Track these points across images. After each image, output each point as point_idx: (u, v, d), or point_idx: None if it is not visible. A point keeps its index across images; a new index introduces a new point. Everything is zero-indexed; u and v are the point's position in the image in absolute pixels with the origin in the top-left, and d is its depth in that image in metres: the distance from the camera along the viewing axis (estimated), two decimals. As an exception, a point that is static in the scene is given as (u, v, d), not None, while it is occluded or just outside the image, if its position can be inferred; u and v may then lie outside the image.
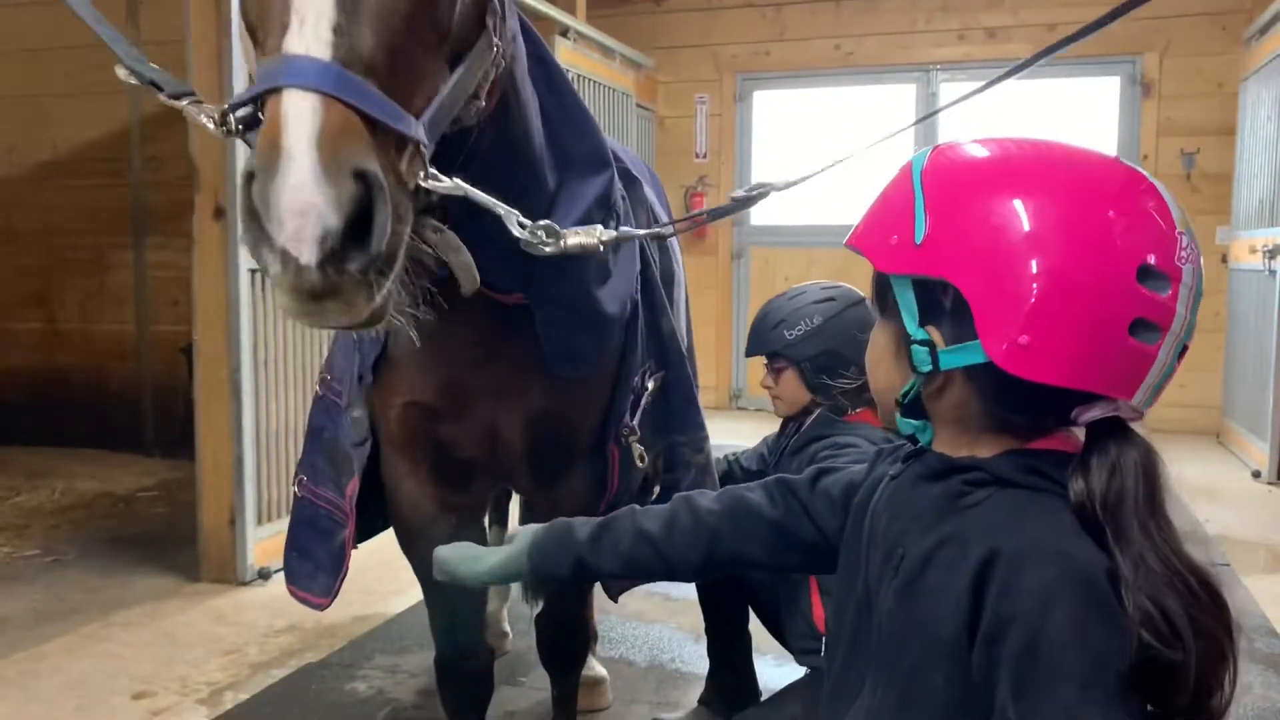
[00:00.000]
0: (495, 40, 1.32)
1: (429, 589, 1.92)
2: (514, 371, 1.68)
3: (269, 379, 3.80)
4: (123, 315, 6.36)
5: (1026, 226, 0.98)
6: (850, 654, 1.13)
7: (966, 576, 0.96)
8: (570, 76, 1.96)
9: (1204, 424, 6.49)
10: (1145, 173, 1.07)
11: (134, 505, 4.98)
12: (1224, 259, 6.40)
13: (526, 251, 1.38)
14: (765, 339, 2.38)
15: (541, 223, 1.36)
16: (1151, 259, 0.97)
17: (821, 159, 1.74)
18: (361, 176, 1.02)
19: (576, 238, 1.39)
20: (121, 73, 1.37)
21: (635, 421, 1.85)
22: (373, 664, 3.07)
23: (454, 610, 1.93)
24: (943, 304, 1.03)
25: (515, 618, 3.21)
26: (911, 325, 1.05)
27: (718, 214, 1.77)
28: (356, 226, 1.02)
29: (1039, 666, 0.89)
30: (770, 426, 2.60)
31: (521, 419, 1.73)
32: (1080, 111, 6.98)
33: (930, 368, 1.04)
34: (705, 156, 7.59)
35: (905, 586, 1.03)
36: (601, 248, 1.40)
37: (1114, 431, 1.00)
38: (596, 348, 1.72)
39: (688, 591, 3.58)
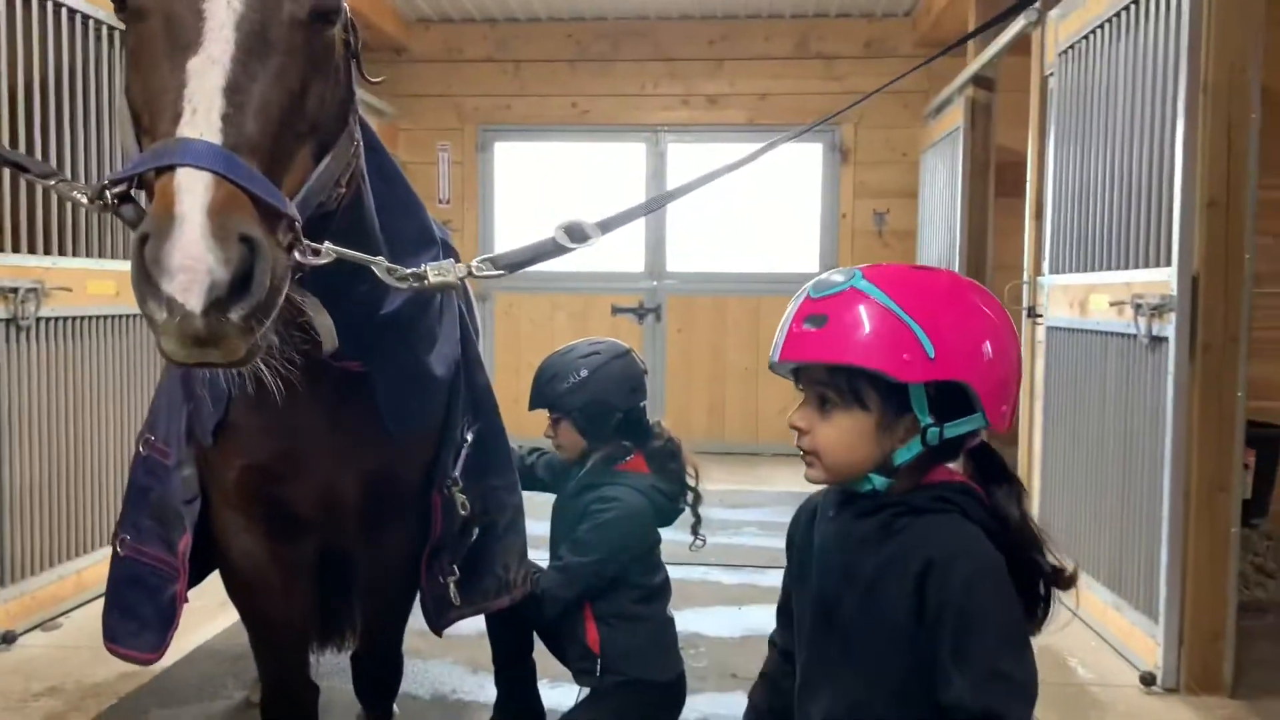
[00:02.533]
0: (356, 134, 1.53)
1: (256, 634, 2.04)
2: (350, 434, 1.85)
3: (13, 437, 3.66)
4: None
5: (990, 329, 1.40)
6: (812, 657, 1.48)
7: (911, 580, 1.34)
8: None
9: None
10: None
11: None
12: (910, 306, 7.35)
13: (367, 323, 1.59)
14: (541, 393, 2.68)
15: (409, 270, 1.57)
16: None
17: (568, 209, 1.97)
18: (246, 240, 1.17)
19: (438, 277, 1.59)
20: None
21: (457, 472, 2.07)
22: (150, 719, 3.05)
23: (282, 653, 2.06)
24: (929, 393, 1.38)
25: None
26: (924, 415, 1.39)
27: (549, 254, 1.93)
28: (239, 283, 1.16)
29: (968, 632, 1.30)
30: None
31: (356, 478, 1.91)
32: (789, 173, 7.78)
33: (937, 441, 1.40)
34: (448, 203, 7.79)
35: (865, 595, 1.40)
36: (460, 282, 1.63)
37: (993, 460, 1.47)
38: (428, 409, 1.94)
39: (462, 629, 3.75)
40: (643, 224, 7.81)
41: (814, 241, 7.75)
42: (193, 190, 1.16)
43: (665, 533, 2.76)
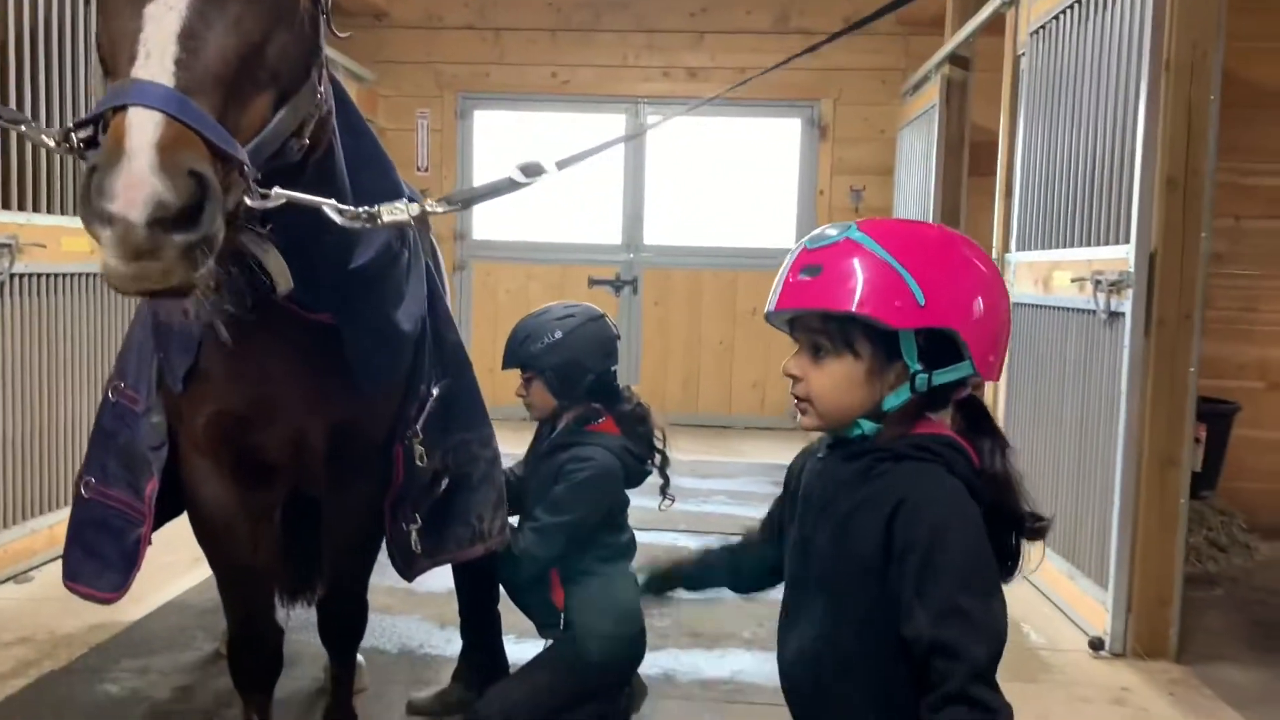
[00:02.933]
0: (319, 87, 1.57)
1: (223, 578, 2.10)
2: (319, 384, 1.90)
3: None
4: None
5: (980, 281, 1.45)
6: (793, 589, 1.57)
7: (882, 518, 1.40)
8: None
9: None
10: None
11: None
12: (884, 282, 7.43)
13: (336, 277, 1.64)
14: (514, 353, 2.73)
15: (361, 209, 1.59)
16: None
17: (546, 179, 1.90)
18: (195, 176, 1.21)
19: (391, 215, 1.62)
20: None
21: (419, 425, 2.12)
22: (121, 667, 3.10)
23: (248, 596, 2.12)
24: (918, 341, 1.44)
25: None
26: (913, 362, 1.44)
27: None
28: (188, 213, 1.20)
29: (931, 568, 1.36)
30: (514, 434, 2.94)
31: (324, 427, 1.96)
32: (768, 148, 7.83)
33: (926, 389, 1.45)
34: (426, 170, 7.80)
35: (838, 531, 1.46)
36: (413, 223, 1.65)
37: (980, 413, 1.52)
38: (395, 363, 1.99)
39: (431, 585, 3.83)
40: (620, 196, 7.85)
41: (791, 217, 7.81)
42: (142, 128, 1.20)
43: (633, 497, 2.83)
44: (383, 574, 2.85)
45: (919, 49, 7.14)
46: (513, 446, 3.13)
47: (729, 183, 7.81)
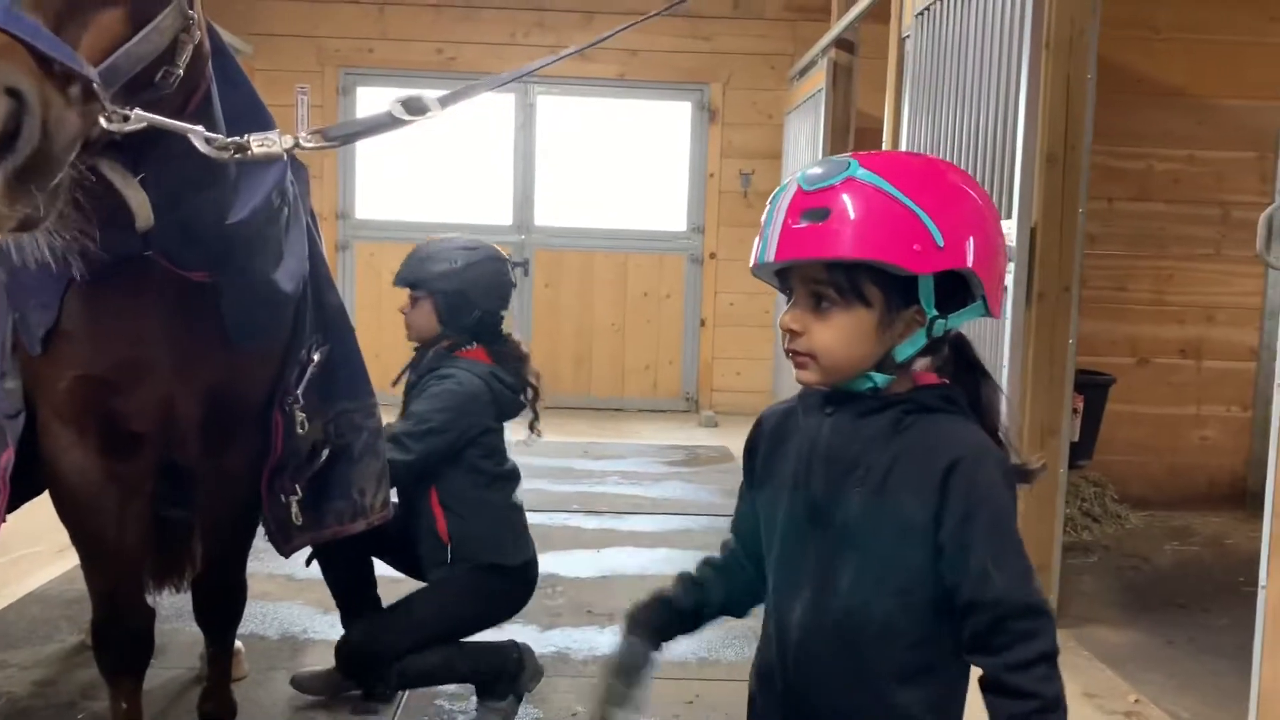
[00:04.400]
0: (189, 13, 1.45)
1: (88, 556, 1.96)
2: (193, 346, 1.79)
3: None
4: None
5: (979, 212, 1.34)
6: (793, 559, 1.41)
7: (934, 476, 1.30)
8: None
9: (759, 405, 7.51)
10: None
11: None
12: (772, 265, 7.51)
13: (213, 232, 1.54)
14: (411, 268, 2.72)
15: (230, 140, 1.47)
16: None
17: (433, 157, 1.89)
18: (13, 93, 1.11)
19: (262, 147, 1.50)
20: None
21: (299, 391, 2.02)
22: (-23, 663, 2.91)
23: (115, 575, 1.98)
24: (927, 285, 1.32)
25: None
26: (930, 307, 1.32)
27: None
28: (9, 139, 1.10)
29: (998, 536, 1.29)
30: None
31: (198, 391, 1.84)
32: (659, 131, 7.81)
33: (942, 334, 1.35)
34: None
35: (875, 491, 1.34)
36: (285, 155, 1.55)
37: (972, 354, 1.43)
38: (275, 323, 1.89)
39: (313, 570, 3.71)
40: (510, 178, 7.74)
41: (682, 200, 7.81)
42: None
43: (529, 482, 2.77)
44: (261, 560, 2.74)
45: (806, 34, 7.21)
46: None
47: (620, 165, 7.77)
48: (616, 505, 4.80)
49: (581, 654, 3.13)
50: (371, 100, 7.72)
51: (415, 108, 1.62)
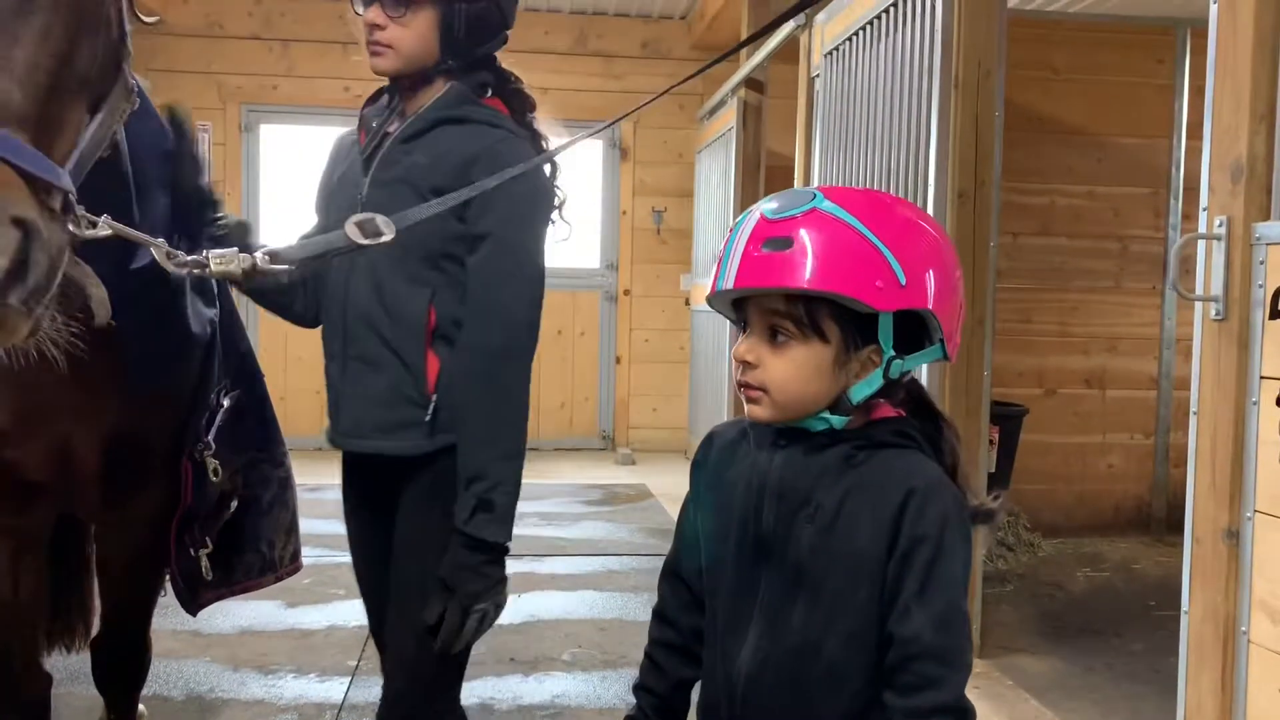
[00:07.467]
0: (131, 82, 1.40)
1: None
2: (93, 390, 1.68)
3: None
4: None
5: (937, 250, 1.31)
6: (741, 595, 1.36)
7: (888, 510, 1.26)
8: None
9: (676, 442, 7.55)
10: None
11: None
12: (687, 302, 7.54)
13: (117, 271, 1.45)
14: None
15: (189, 257, 1.47)
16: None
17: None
18: (20, 223, 1.09)
19: (220, 266, 1.47)
20: None
21: (210, 437, 1.91)
22: None
23: (8, 638, 1.85)
24: (887, 324, 1.28)
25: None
26: (889, 347, 1.28)
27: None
28: (16, 270, 1.09)
29: (937, 572, 1.24)
30: (309, 464, 2.73)
31: (98, 439, 1.73)
32: (572, 169, 7.76)
33: (898, 375, 1.30)
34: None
35: (825, 527, 1.29)
36: (242, 275, 1.49)
37: (925, 397, 1.39)
38: (179, 366, 1.78)
39: (219, 625, 3.56)
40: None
41: (595, 237, 7.80)
42: None
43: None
44: (165, 616, 2.59)
45: (715, 73, 7.27)
46: (306, 477, 2.92)
47: (532, 203, 7.73)
48: (535, 548, 4.71)
49: (505, 704, 3.03)
50: (277, 137, 7.56)
51: (369, 230, 1.55)
